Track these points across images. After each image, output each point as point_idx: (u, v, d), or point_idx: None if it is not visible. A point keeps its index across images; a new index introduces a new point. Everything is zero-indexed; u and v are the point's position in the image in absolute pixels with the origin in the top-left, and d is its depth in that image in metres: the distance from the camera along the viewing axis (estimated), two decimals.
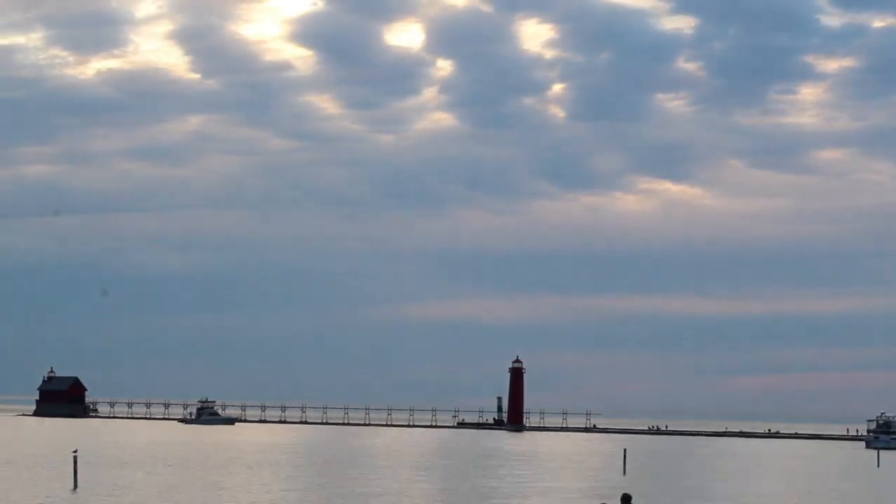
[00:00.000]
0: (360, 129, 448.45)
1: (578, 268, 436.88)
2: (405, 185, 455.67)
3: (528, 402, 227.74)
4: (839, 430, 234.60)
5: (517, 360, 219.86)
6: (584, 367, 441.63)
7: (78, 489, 68.68)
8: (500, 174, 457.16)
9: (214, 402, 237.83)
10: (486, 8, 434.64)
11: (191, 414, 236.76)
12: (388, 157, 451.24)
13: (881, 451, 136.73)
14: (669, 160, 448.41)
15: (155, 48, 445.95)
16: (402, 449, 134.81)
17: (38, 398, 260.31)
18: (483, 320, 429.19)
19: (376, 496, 65.72)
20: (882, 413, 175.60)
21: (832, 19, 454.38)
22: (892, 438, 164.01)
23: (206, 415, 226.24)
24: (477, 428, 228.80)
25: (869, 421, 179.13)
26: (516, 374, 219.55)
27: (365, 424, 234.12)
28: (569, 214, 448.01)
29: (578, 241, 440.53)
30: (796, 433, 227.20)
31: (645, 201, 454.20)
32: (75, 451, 76.59)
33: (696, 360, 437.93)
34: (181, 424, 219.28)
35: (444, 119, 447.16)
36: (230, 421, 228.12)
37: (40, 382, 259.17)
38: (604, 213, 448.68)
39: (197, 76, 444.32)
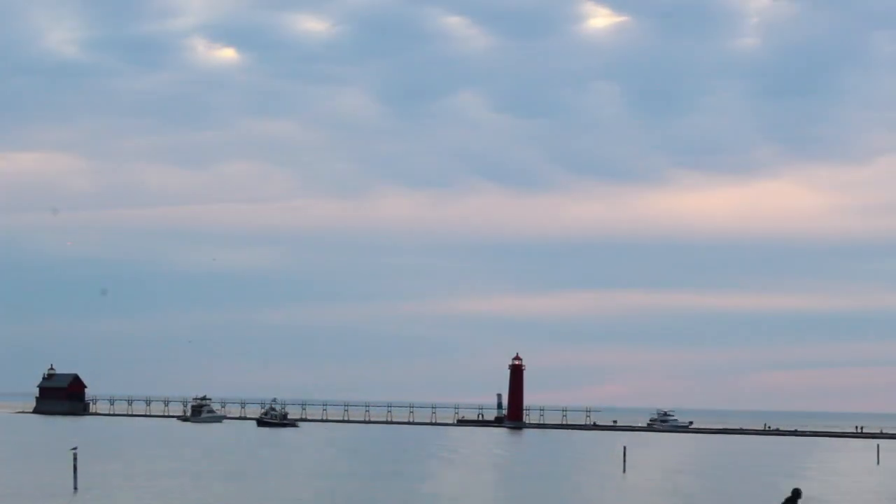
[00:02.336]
0: (383, 119, 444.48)
1: (606, 262, 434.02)
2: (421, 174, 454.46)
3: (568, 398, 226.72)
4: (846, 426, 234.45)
5: (517, 358, 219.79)
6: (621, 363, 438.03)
7: (78, 490, 68.53)
8: (527, 163, 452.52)
9: (210, 399, 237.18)
10: None
11: (185, 412, 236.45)
12: (410, 146, 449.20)
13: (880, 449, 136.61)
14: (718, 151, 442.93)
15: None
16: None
17: (37, 395, 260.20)
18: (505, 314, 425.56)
19: None
20: None
21: None
22: None
23: (205, 412, 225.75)
24: (477, 425, 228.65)
25: None
26: (516, 372, 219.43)
27: (365, 422, 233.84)
28: (591, 207, 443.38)
29: (605, 234, 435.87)
30: (795, 430, 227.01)
31: (689, 194, 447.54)
32: (75, 449, 76.22)
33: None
34: (178, 422, 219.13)
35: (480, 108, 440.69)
36: (219, 419, 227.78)
37: (40, 379, 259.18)
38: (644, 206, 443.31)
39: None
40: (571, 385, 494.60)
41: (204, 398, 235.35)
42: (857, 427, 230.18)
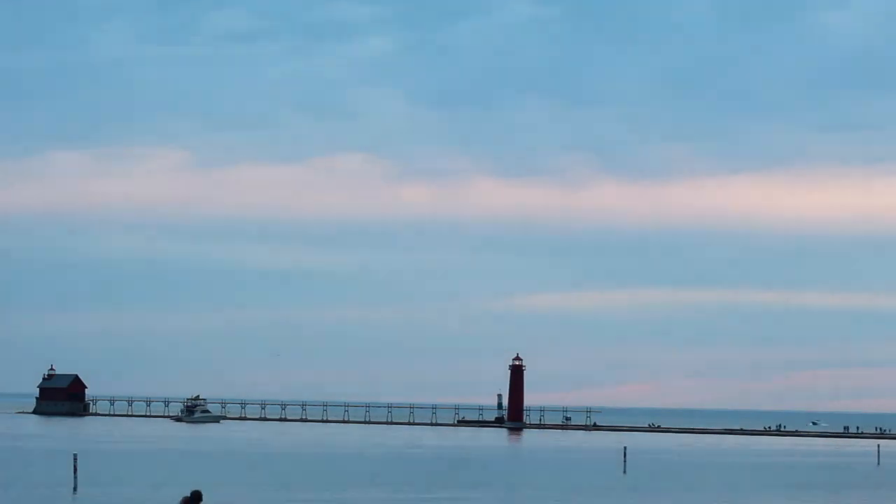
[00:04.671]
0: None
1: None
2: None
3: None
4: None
5: (517, 358, 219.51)
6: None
7: (77, 490, 68.49)
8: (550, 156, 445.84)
9: (205, 399, 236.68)
10: None
11: (181, 411, 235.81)
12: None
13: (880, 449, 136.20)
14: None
15: None
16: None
17: (37, 396, 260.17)
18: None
19: None
20: None
21: None
22: None
23: (198, 412, 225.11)
24: (477, 426, 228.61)
25: None
26: (516, 372, 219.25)
27: (365, 422, 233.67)
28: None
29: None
30: (797, 430, 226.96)
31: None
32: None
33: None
34: (172, 423, 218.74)
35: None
36: (216, 419, 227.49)
37: (40, 380, 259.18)
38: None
39: None
40: (589, 384, 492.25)
41: (198, 398, 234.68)
42: (856, 427, 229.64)
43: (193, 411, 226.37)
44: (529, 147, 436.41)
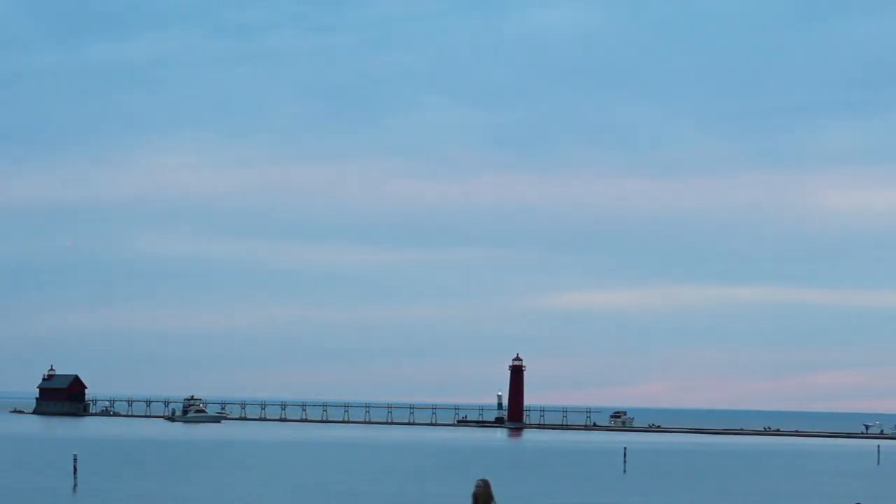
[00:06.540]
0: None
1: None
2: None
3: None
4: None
5: (517, 358, 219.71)
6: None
7: (77, 489, 68.60)
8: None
9: (201, 399, 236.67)
10: None
11: (173, 411, 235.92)
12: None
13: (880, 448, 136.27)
14: None
15: None
16: None
17: (37, 396, 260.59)
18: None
19: None
20: None
21: None
22: None
23: (191, 412, 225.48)
24: (478, 426, 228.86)
25: None
26: (516, 373, 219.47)
27: (364, 422, 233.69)
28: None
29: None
30: (797, 430, 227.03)
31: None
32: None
33: None
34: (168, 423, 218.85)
35: None
36: (217, 419, 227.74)
37: (40, 380, 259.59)
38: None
39: None
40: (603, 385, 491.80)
41: (192, 398, 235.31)
42: (865, 426, 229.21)
43: (187, 411, 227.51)
44: (540, 142, 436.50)
